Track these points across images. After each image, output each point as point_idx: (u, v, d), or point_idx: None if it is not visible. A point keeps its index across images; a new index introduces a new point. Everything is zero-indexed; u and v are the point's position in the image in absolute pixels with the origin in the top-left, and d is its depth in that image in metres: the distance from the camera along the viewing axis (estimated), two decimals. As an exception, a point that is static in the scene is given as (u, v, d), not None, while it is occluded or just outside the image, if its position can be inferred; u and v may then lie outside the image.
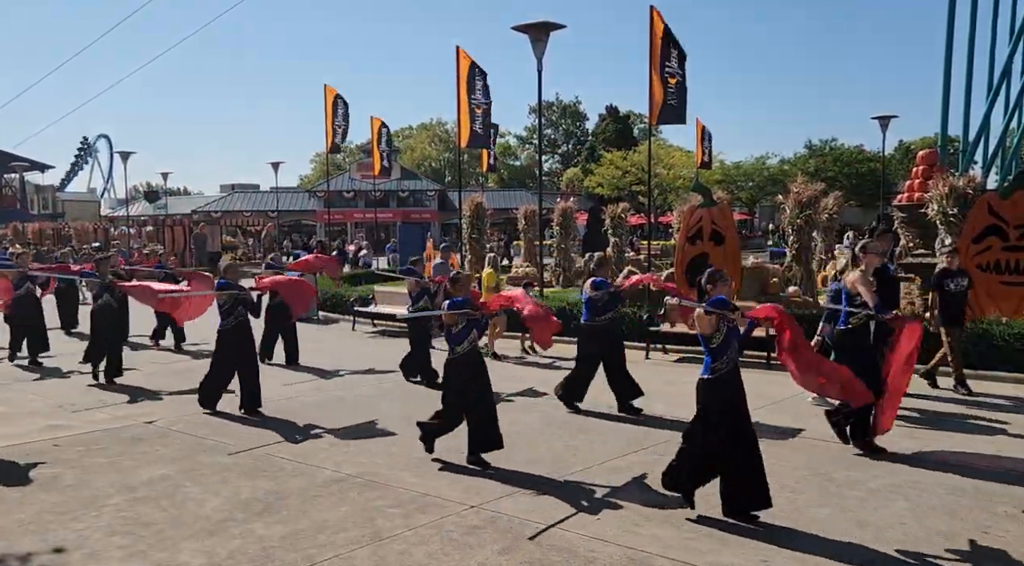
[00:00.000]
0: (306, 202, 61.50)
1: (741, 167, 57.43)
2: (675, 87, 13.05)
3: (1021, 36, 23.84)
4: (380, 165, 24.82)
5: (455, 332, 6.63)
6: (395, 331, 15.39)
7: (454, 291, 6.83)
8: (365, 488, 6.15)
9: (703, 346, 5.35)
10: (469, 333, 6.66)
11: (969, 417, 8.08)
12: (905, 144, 64.59)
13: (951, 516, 5.37)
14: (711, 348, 5.28)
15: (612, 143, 61.14)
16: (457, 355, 6.68)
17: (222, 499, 5.96)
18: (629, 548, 4.94)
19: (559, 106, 79.14)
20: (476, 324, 6.70)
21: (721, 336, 5.24)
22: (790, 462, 6.59)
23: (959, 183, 12.22)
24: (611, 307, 8.60)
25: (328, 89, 23.36)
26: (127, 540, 5.22)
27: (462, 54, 16.97)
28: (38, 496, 6.12)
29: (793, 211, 13.40)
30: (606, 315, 8.56)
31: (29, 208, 59.31)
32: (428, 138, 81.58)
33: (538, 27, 14.47)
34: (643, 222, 45.25)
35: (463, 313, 6.59)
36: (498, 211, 38.36)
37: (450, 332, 6.65)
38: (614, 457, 6.86)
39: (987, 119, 23.66)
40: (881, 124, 30.13)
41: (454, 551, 4.95)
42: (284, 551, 5.00)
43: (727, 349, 5.27)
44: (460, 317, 6.59)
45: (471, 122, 17.05)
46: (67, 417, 8.69)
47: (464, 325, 6.62)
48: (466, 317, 6.60)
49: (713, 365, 5.30)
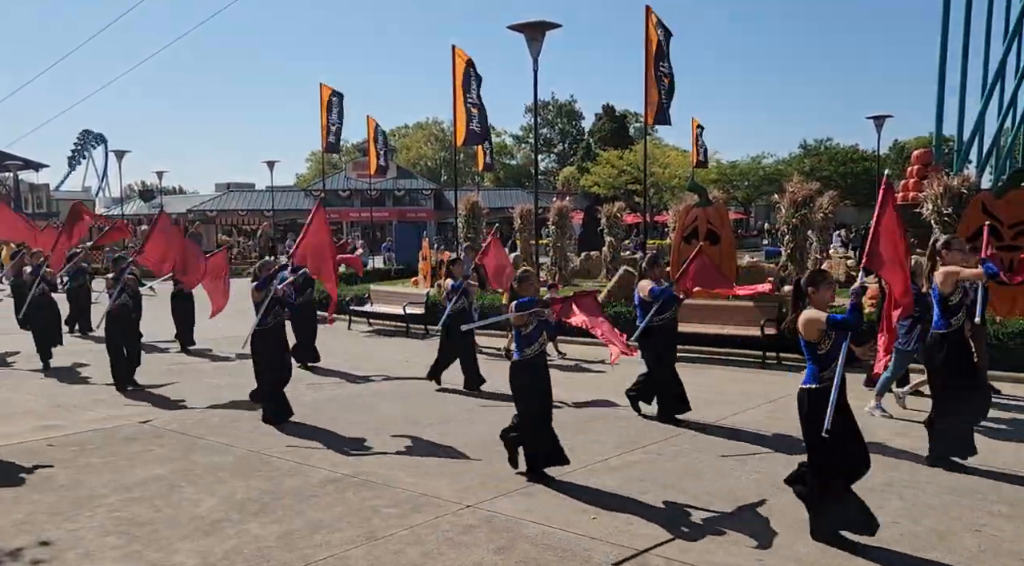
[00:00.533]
0: (302, 201, 61.42)
1: (737, 166, 57.56)
2: (667, 87, 13.08)
3: (1015, 36, 23.93)
4: (376, 164, 24.82)
5: (524, 334, 6.20)
6: (391, 330, 15.38)
7: (521, 290, 6.40)
8: (361, 488, 6.15)
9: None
10: (540, 334, 6.24)
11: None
12: (900, 144, 64.81)
13: (946, 515, 5.38)
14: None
15: (608, 142, 61.22)
16: (526, 357, 6.25)
17: (217, 499, 5.95)
18: (624, 547, 4.94)
19: (555, 105, 79.19)
20: (547, 325, 6.28)
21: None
22: (786, 461, 6.58)
23: (954, 183, 12.26)
24: (668, 308, 8.04)
25: (323, 87, 23.34)
26: (121, 540, 5.21)
27: (458, 53, 16.97)
28: (32, 496, 6.10)
29: (789, 210, 13.43)
30: (664, 315, 8.00)
31: (23, 207, 59.08)
32: (424, 137, 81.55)
33: (534, 26, 14.47)
34: (639, 221, 45.32)
35: (533, 313, 6.18)
36: (494, 210, 38.34)
37: (519, 334, 6.24)
38: (609, 456, 6.86)
39: (981, 119, 23.75)
40: (876, 124, 30.21)
41: (449, 550, 4.95)
42: (280, 551, 4.99)
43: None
44: (530, 318, 6.19)
45: (467, 121, 17.05)
46: (61, 417, 8.66)
47: (535, 326, 6.19)
48: (536, 318, 6.19)
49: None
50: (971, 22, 23.51)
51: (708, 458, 6.75)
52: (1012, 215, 10.60)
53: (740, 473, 6.33)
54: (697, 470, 6.43)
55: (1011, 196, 10.81)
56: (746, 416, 8.16)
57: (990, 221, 10.66)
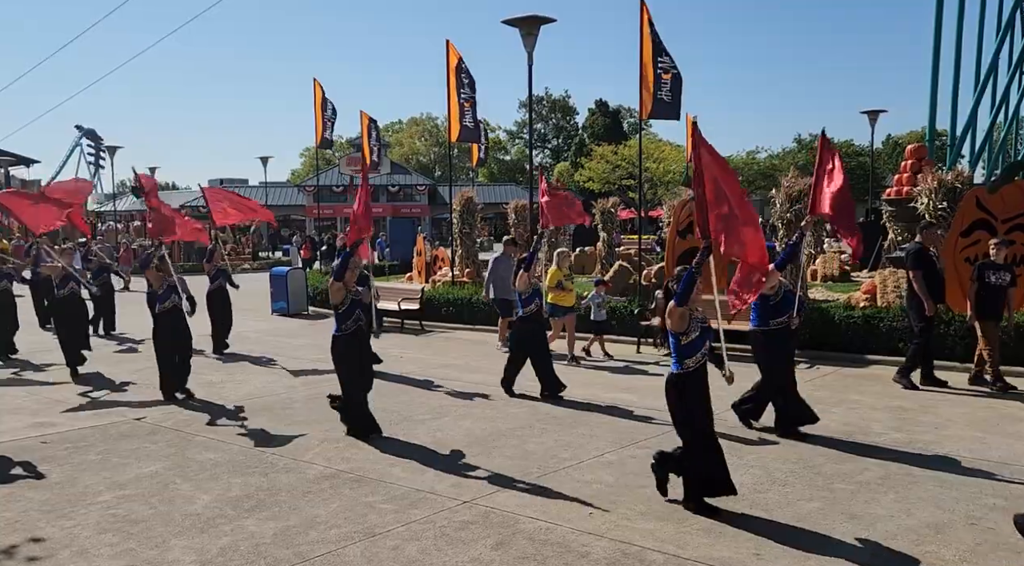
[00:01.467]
0: (295, 197, 61.26)
1: (731, 161, 57.56)
2: (669, 82, 12.99)
3: (1007, 31, 24.01)
4: (370, 160, 24.70)
5: (686, 342, 5.44)
6: (386, 326, 15.34)
7: (683, 295, 5.54)
8: (357, 484, 6.13)
9: None
10: (703, 344, 5.46)
11: (957, 408, 8.11)
12: (893, 138, 64.99)
13: (940, 508, 5.40)
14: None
15: (602, 137, 61.21)
16: (688, 369, 5.46)
17: (212, 496, 5.92)
18: (622, 542, 4.94)
19: (549, 100, 79.08)
20: (710, 333, 5.53)
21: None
22: (780, 456, 6.62)
23: (947, 177, 12.29)
24: (785, 309, 7.19)
25: (317, 83, 23.23)
26: (116, 538, 5.18)
27: (452, 48, 16.89)
28: (25, 493, 6.07)
29: (783, 205, 13.42)
30: (780, 318, 7.19)
31: (14, 203, 58.66)
32: (417, 133, 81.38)
33: (529, 21, 14.43)
34: (633, 216, 45.33)
35: (695, 320, 5.45)
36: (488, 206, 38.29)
37: (678, 342, 5.47)
38: (606, 452, 6.86)
39: (974, 114, 23.83)
40: (870, 119, 30.31)
41: (447, 546, 4.94)
42: (276, 547, 4.98)
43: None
44: (692, 325, 5.43)
45: (461, 116, 16.98)
46: (55, 414, 8.61)
47: (698, 334, 5.45)
48: (699, 325, 5.46)
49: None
50: (964, 18, 23.57)
51: (704, 453, 6.74)
52: (1006, 210, 10.65)
53: (736, 468, 6.32)
54: (693, 465, 6.43)
55: (1005, 191, 10.85)
56: (742, 411, 8.15)
57: (984, 215, 10.73)
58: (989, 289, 8.74)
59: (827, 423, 7.35)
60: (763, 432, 7.26)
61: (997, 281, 8.74)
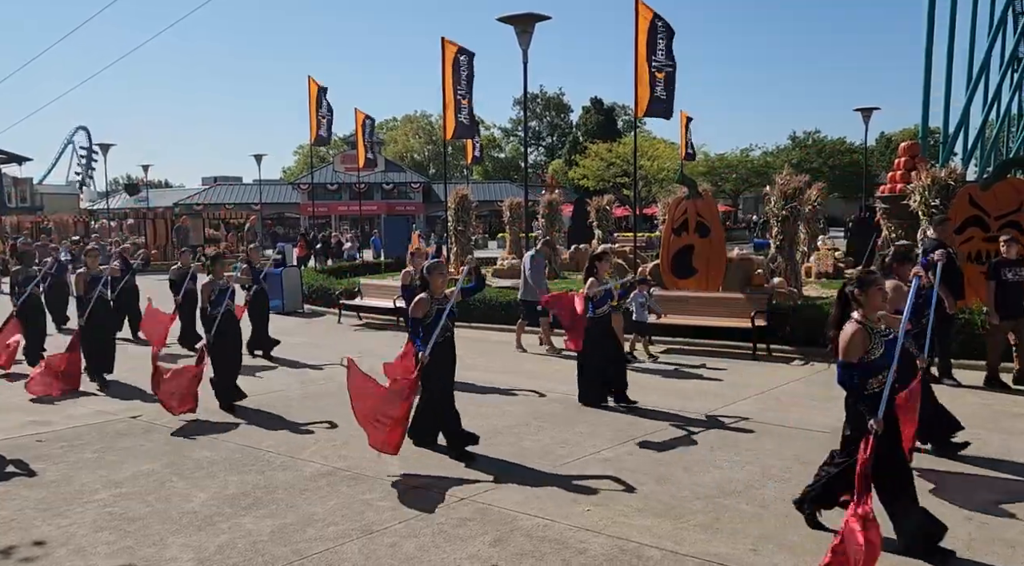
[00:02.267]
0: (290, 194, 61.11)
1: (725, 159, 57.68)
2: (663, 81, 13.00)
3: (999, 30, 24.13)
4: (364, 157, 24.69)
5: (869, 360, 4.59)
6: (380, 324, 15.32)
7: None
8: (354, 481, 6.13)
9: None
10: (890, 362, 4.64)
11: (952, 405, 8.14)
12: (887, 136, 65.17)
13: (937, 504, 5.42)
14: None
15: (596, 135, 61.21)
16: (872, 391, 4.60)
17: (209, 494, 5.92)
18: (620, 539, 4.95)
19: (543, 98, 79.07)
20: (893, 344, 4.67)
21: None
22: (777, 451, 6.64)
23: (940, 174, 12.35)
24: None
25: (312, 81, 23.21)
26: (113, 536, 5.17)
27: (447, 45, 16.87)
28: (21, 492, 6.04)
29: (778, 202, 13.46)
30: None
31: (7, 201, 58.41)
32: (411, 130, 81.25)
33: (524, 18, 14.44)
34: (628, 214, 45.39)
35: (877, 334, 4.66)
36: (483, 203, 38.30)
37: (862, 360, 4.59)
38: (603, 448, 6.87)
39: (967, 111, 23.96)
40: (863, 116, 30.37)
41: (445, 543, 4.94)
42: (273, 545, 4.97)
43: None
44: (875, 342, 4.63)
45: (456, 113, 16.97)
46: (50, 413, 8.58)
47: (883, 351, 4.62)
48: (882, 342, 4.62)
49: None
50: (956, 16, 23.69)
51: (700, 450, 6.77)
52: (998, 206, 10.71)
53: (732, 464, 6.36)
54: (689, 462, 6.45)
55: (997, 188, 10.92)
56: (737, 407, 8.19)
57: (977, 212, 10.80)
58: (1006, 286, 8.55)
59: (822, 419, 7.39)
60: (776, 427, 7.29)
61: (1014, 278, 8.54)
